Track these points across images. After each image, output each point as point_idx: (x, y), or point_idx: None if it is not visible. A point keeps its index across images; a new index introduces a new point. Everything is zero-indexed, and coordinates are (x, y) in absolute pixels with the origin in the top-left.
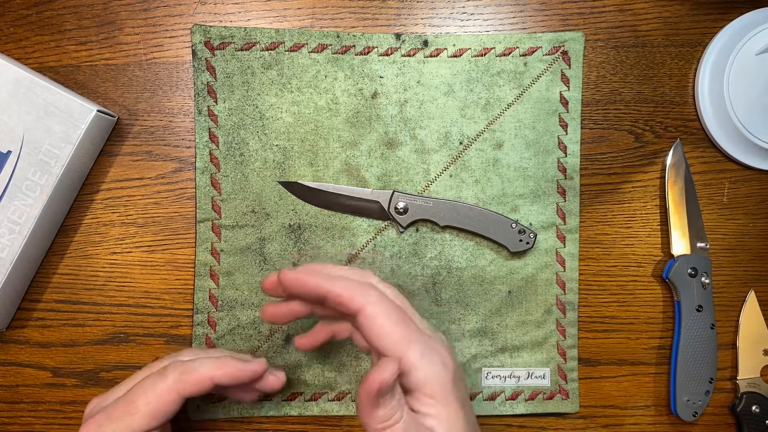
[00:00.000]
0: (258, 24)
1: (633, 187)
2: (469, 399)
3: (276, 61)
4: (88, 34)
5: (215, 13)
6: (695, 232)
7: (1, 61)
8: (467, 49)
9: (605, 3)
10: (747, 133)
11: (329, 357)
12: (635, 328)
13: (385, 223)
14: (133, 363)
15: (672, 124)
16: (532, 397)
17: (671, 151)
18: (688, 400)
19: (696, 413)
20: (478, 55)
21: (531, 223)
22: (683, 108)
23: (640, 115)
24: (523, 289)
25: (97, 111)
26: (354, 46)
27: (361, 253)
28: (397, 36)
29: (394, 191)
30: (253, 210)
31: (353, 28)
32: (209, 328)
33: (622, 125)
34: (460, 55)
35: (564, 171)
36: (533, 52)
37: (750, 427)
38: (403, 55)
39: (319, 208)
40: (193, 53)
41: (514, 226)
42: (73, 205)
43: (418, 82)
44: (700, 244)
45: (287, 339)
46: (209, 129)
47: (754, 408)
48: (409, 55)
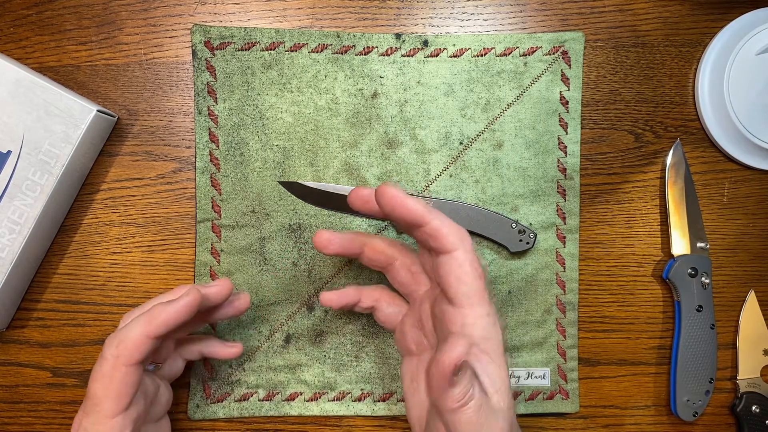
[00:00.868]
0: (258, 24)
1: (633, 187)
2: None
3: (276, 61)
4: (88, 34)
5: (215, 13)
6: (695, 232)
7: (1, 61)
8: (467, 49)
9: (605, 3)
10: (747, 133)
11: (329, 357)
12: (635, 328)
13: (385, 223)
14: None
15: (672, 124)
16: (532, 397)
17: (671, 151)
18: (688, 400)
19: (696, 413)
20: (478, 55)
21: (531, 223)
22: (683, 108)
23: (640, 115)
24: (523, 289)
25: (97, 111)
26: (354, 46)
27: None
28: (397, 36)
29: None
30: (253, 210)
31: (353, 28)
32: (209, 327)
33: (622, 125)
34: (460, 55)
35: (564, 171)
36: (533, 52)
37: (750, 427)
38: (403, 55)
39: (319, 208)
40: (193, 53)
41: (514, 226)
42: (73, 205)
43: (418, 82)
44: (700, 244)
45: (287, 339)
46: (209, 129)
47: (754, 408)
48: (409, 55)
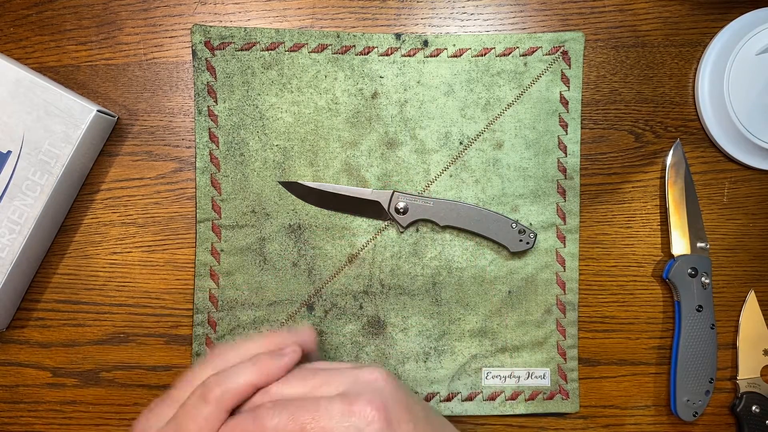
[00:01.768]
0: (258, 24)
1: (633, 187)
2: None
3: (276, 61)
4: (88, 34)
5: (215, 13)
6: (695, 232)
7: (1, 61)
8: (467, 49)
9: (605, 3)
10: (747, 133)
11: (329, 357)
12: (635, 328)
13: (385, 223)
14: (134, 363)
15: (672, 124)
16: (532, 397)
17: (671, 151)
18: (688, 400)
19: (696, 413)
20: (478, 55)
21: (531, 223)
22: (683, 108)
23: (640, 115)
24: (523, 289)
25: (97, 111)
26: (354, 46)
27: (361, 253)
28: (397, 36)
29: (394, 191)
30: (253, 210)
31: (353, 28)
32: (209, 328)
33: (622, 125)
34: (460, 55)
35: (564, 171)
36: (533, 52)
37: (750, 427)
38: (403, 55)
39: (319, 208)
40: (193, 53)
41: (514, 226)
42: (73, 205)
43: (418, 82)
44: (700, 244)
45: None
46: (209, 129)
47: (754, 408)
48: (409, 55)
